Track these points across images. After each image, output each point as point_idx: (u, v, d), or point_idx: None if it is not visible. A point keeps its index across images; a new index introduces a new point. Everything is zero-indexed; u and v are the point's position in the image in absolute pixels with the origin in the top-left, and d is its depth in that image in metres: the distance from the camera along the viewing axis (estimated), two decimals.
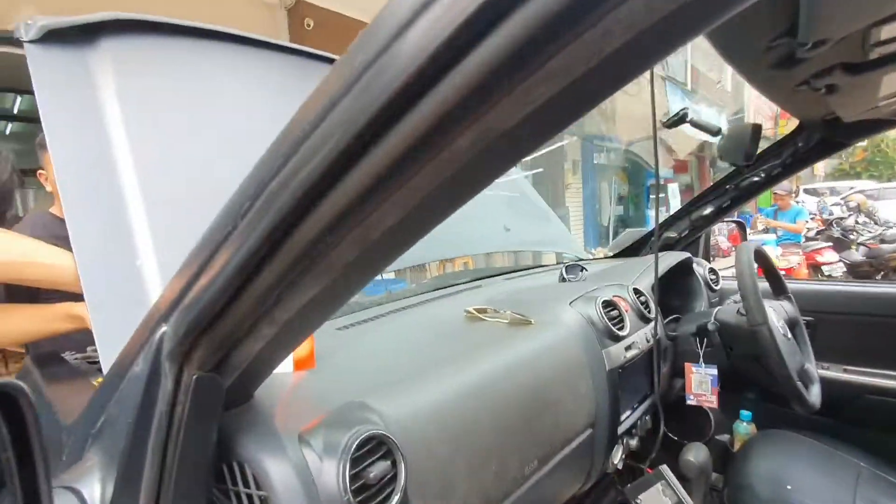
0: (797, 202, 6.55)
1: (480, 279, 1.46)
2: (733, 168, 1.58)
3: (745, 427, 1.56)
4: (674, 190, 9.03)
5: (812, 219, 6.35)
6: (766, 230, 6.03)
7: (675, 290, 1.60)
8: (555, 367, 0.87)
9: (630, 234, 1.89)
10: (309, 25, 4.07)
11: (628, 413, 1.06)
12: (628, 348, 1.03)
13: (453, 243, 1.51)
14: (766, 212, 6.35)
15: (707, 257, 1.86)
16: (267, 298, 0.38)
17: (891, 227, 6.08)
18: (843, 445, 1.30)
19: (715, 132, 1.02)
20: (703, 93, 8.81)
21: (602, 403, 0.95)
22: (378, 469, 0.52)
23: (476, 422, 0.68)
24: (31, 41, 0.93)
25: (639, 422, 1.12)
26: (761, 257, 1.33)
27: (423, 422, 0.62)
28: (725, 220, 1.95)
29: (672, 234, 1.75)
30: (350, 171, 0.30)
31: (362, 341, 0.86)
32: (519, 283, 1.40)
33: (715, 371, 1.30)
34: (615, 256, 1.90)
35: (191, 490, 0.46)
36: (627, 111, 6.78)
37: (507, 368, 0.79)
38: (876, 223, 6.28)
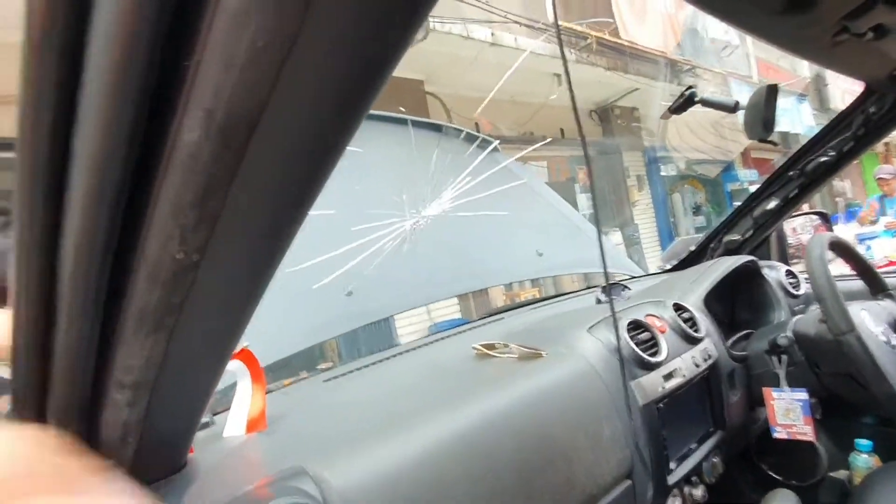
0: None
1: (508, 310, 1.34)
2: (800, 149, 1.35)
3: (864, 459, 1.24)
4: None
5: None
6: (874, 223, 5.17)
7: (743, 301, 1.36)
8: (567, 408, 0.73)
9: (684, 243, 1.67)
10: None
11: (683, 456, 0.87)
12: (668, 377, 0.85)
13: (478, 275, 1.41)
14: (869, 200, 5.47)
15: (785, 259, 1.58)
16: (81, 358, 0.33)
17: None
18: None
19: (731, 108, 0.86)
20: (778, 85, 8.07)
21: (640, 448, 0.78)
22: None
23: (450, 484, 0.57)
24: None
25: (703, 465, 0.91)
26: (842, 249, 1.09)
27: (374, 490, 0.52)
28: (802, 212, 1.67)
29: (734, 236, 1.51)
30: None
31: (339, 394, 0.78)
32: (549, 311, 1.26)
33: (804, 395, 1.05)
34: (672, 270, 1.68)
35: None
36: (681, 119, 6.35)
37: (500, 414, 0.67)
38: None
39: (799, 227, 1.81)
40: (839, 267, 1.24)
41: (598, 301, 1.26)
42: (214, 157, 0.23)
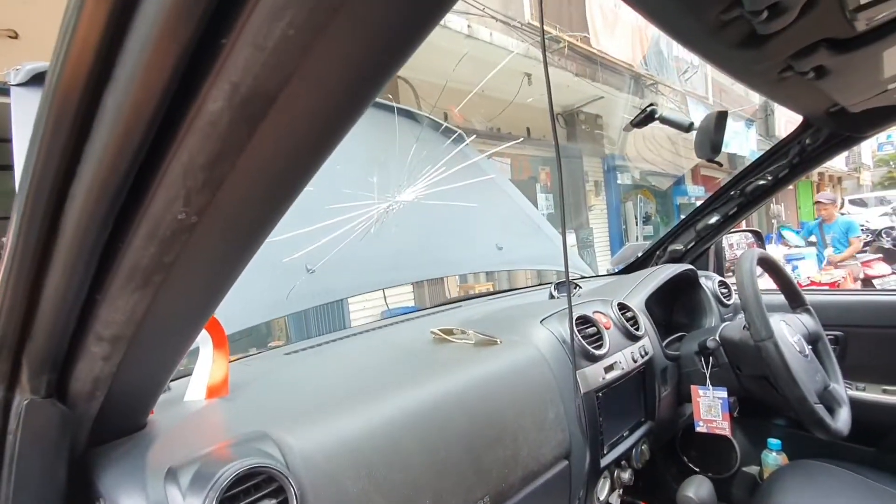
0: (842, 213, 6.14)
1: (465, 300, 1.39)
2: (741, 171, 1.47)
3: (773, 457, 1.39)
4: None
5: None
6: (811, 244, 5.66)
7: (680, 306, 1.47)
8: (517, 392, 0.78)
9: (633, 248, 1.78)
10: None
11: (616, 442, 0.95)
12: (609, 369, 0.92)
13: (439, 263, 1.45)
14: (809, 226, 5.97)
15: (720, 271, 1.72)
16: (66, 308, 0.34)
17: None
18: (886, 478, 1.13)
19: (686, 128, 0.94)
20: (729, 107, 8.59)
21: (578, 432, 0.84)
22: None
23: (406, 454, 0.60)
24: (18, 84, 0.99)
25: (633, 452, 1.00)
26: (769, 265, 1.21)
27: (335, 455, 0.55)
28: (738, 230, 1.81)
29: (677, 246, 1.63)
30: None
31: (299, 367, 0.80)
32: (504, 303, 1.32)
33: (724, 394, 1.16)
34: (620, 273, 1.78)
35: None
36: (640, 133, 6.65)
37: (455, 394, 0.71)
38: None
39: (735, 244, 1.97)
40: (765, 282, 1.37)
41: (552, 296, 1.33)
42: (232, 125, 0.25)
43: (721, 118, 0.86)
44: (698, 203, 1.60)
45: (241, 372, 0.74)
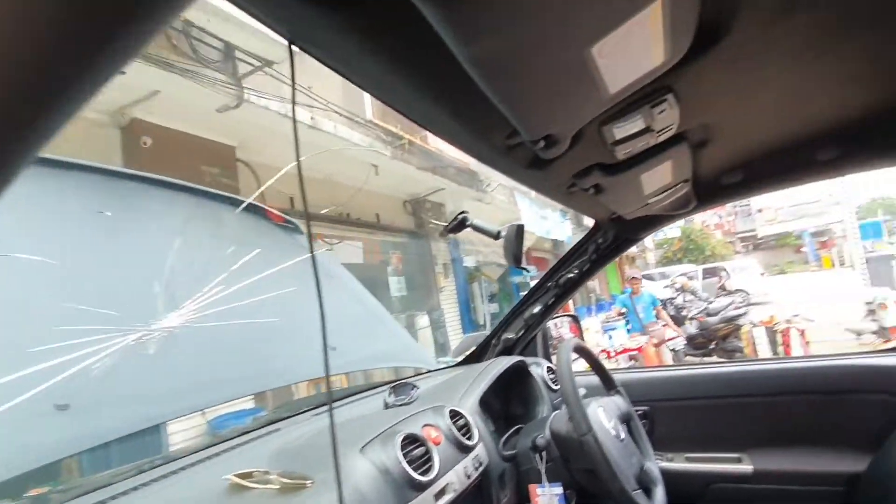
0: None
1: (290, 417, 1.20)
2: (554, 266, 1.63)
3: None
4: None
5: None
6: (620, 315, 6.62)
7: (515, 395, 1.49)
8: None
9: (472, 339, 1.80)
10: (146, 143, 3.79)
11: None
12: (440, 495, 0.83)
13: (256, 376, 1.25)
14: (620, 298, 7.02)
15: (547, 354, 1.83)
16: None
17: (711, 302, 7.08)
18: None
19: (495, 236, 1.01)
20: (524, 225, 10.00)
21: None
22: None
23: None
24: None
25: None
26: (583, 353, 1.30)
27: None
28: (560, 314, 1.98)
29: (510, 335, 1.70)
30: None
31: None
32: (336, 417, 1.17)
33: (560, 490, 1.16)
34: (460, 364, 1.77)
35: None
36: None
37: None
38: (699, 299, 7.30)
39: (559, 322, 2.15)
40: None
41: (386, 405, 1.23)
42: None
43: (520, 231, 0.93)
44: (532, 282, 1.74)
45: None
